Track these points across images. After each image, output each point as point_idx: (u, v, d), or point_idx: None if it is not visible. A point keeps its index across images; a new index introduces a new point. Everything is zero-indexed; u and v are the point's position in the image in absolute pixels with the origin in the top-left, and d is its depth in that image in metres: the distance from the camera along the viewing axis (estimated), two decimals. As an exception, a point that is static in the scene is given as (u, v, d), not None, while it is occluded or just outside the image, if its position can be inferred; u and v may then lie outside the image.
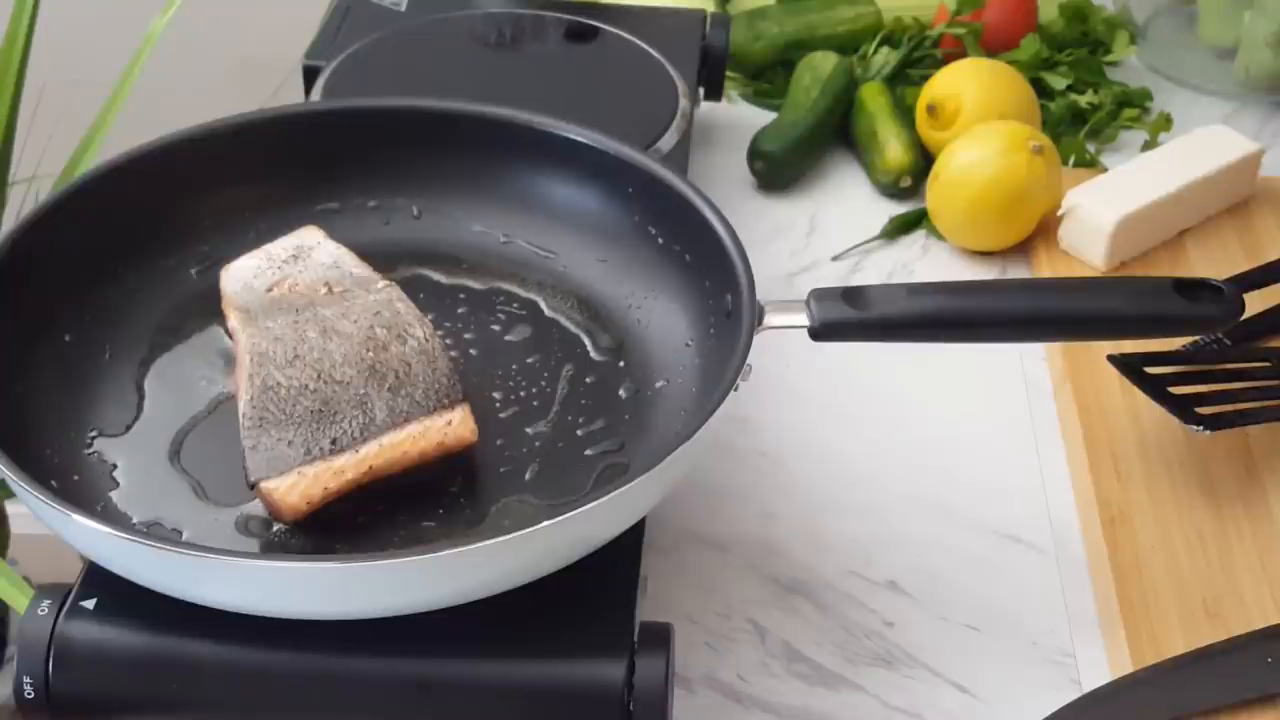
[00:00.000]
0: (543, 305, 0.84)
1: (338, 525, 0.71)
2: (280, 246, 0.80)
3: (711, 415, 0.68)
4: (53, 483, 0.71)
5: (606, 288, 0.85)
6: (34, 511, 0.66)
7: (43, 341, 0.78)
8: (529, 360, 0.81)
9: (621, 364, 0.81)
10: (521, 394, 0.79)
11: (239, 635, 0.66)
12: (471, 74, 1.05)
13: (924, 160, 1.09)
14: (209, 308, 0.81)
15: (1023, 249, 1.05)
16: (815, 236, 1.08)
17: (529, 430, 0.77)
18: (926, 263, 1.05)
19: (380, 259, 0.81)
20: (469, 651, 0.67)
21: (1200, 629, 0.77)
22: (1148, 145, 1.16)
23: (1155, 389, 0.86)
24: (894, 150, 1.10)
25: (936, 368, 0.95)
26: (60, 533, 0.66)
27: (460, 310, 0.84)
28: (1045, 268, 1.02)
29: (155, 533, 0.71)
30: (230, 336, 0.78)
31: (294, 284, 0.78)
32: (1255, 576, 0.80)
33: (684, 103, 1.02)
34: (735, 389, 0.70)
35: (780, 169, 1.11)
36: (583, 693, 0.66)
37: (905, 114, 1.12)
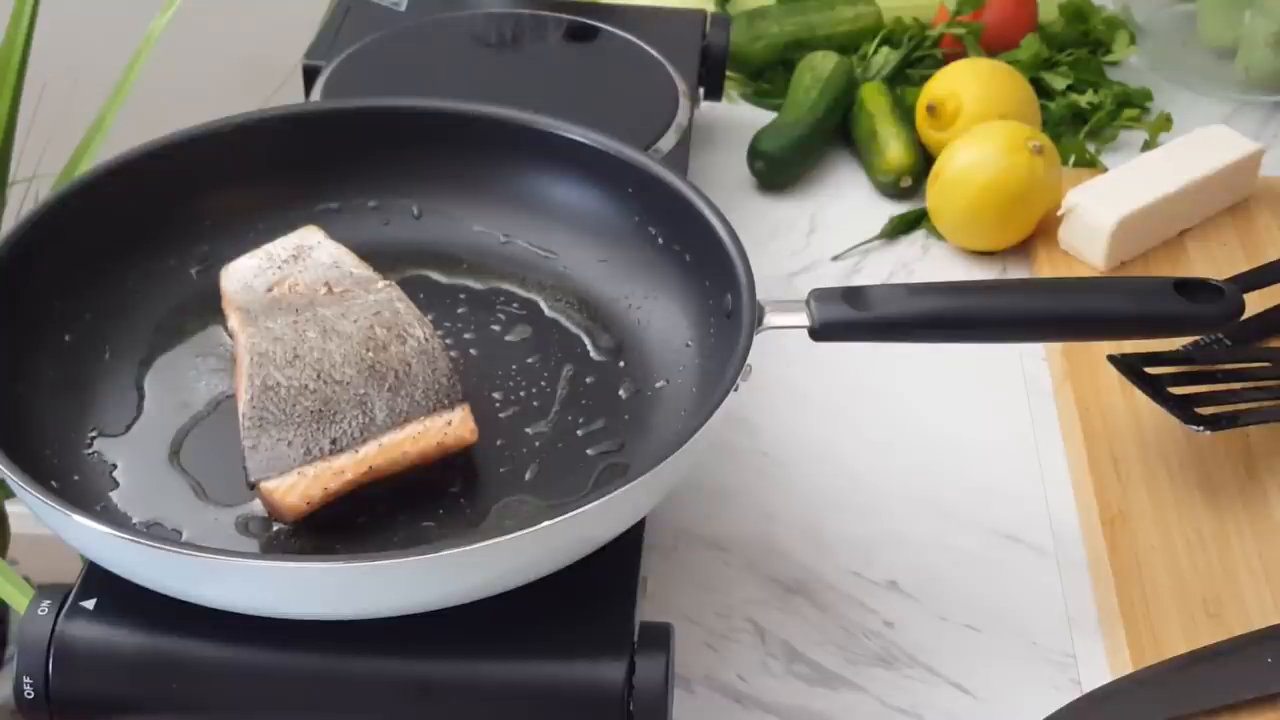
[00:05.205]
0: (543, 305, 0.84)
1: (338, 525, 0.71)
2: (280, 246, 0.80)
3: (711, 415, 0.68)
4: (53, 483, 0.71)
5: (606, 288, 0.85)
6: (34, 511, 0.66)
7: (43, 341, 0.78)
8: (529, 360, 0.81)
9: (621, 364, 0.81)
10: (521, 394, 0.79)
11: (239, 635, 0.66)
12: (471, 74, 1.05)
13: (924, 160, 1.09)
14: (209, 308, 0.81)
15: (1023, 249, 1.05)
16: (815, 236, 1.08)
17: (529, 430, 0.77)
18: (926, 263, 1.05)
19: (380, 259, 0.81)
20: (469, 651, 0.67)
21: (1200, 629, 0.77)
22: (1148, 145, 1.16)
23: (1155, 389, 0.86)
24: (894, 150, 1.10)
25: (937, 368, 0.95)
26: (60, 533, 0.66)
27: (460, 310, 0.84)
28: (1045, 268, 1.02)
29: (155, 533, 0.71)
30: (230, 336, 0.78)
31: (294, 284, 0.78)
32: (1255, 576, 0.80)
33: (684, 103, 1.02)
34: (735, 389, 0.70)
35: (780, 169, 1.11)
36: (583, 693, 0.66)
37: (905, 114, 1.12)
